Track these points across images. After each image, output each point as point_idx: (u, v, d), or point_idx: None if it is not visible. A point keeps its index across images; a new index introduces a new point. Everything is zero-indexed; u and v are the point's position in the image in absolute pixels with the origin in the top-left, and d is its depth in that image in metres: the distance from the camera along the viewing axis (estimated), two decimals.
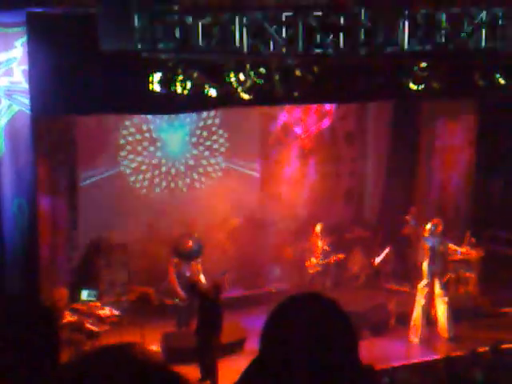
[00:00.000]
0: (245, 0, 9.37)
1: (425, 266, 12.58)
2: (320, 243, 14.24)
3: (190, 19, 8.72)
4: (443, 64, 10.73)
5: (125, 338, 11.75)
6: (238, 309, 13.29)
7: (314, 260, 14.20)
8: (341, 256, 14.40)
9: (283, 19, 8.73)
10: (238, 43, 8.73)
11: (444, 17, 9.00)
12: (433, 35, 9.11)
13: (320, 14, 8.70)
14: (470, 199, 14.88)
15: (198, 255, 13.10)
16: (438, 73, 10.83)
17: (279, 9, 8.93)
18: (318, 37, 8.76)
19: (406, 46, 8.96)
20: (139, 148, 14.57)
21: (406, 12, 8.93)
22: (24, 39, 9.62)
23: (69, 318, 11.42)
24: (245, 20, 8.68)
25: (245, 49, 8.71)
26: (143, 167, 14.63)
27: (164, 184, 14.85)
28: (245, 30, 8.69)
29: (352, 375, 2.15)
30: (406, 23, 8.92)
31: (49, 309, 2.35)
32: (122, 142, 14.30)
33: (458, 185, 14.72)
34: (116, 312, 12.16)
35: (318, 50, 8.80)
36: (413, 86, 10.74)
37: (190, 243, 13.10)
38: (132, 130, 14.43)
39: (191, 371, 11.33)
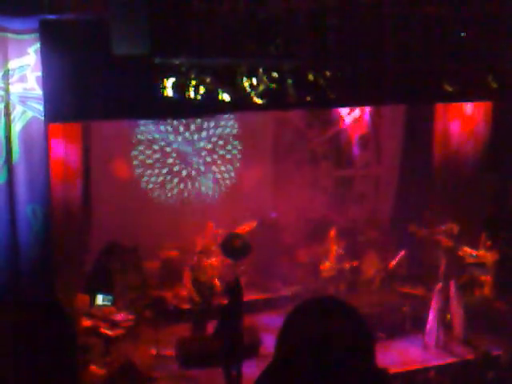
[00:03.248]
0: (258, 4, 9.36)
1: (441, 268, 12.53)
2: (334, 246, 14.22)
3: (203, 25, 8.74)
4: (456, 66, 10.71)
5: (140, 343, 11.79)
6: (253, 312, 13.28)
7: (328, 263, 14.18)
8: (355, 263, 14.40)
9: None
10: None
11: None
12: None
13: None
14: (486, 202, 14.80)
15: (245, 254, 13.11)
16: (450, 75, 10.81)
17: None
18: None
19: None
20: (152, 151, 14.61)
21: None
22: (37, 46, 9.67)
23: (84, 322, 11.45)
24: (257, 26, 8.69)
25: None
26: (156, 170, 14.66)
27: (177, 187, 14.88)
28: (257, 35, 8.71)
29: (368, 378, 2.14)
30: None
31: (67, 315, 2.36)
32: (135, 151, 14.36)
33: (473, 187, 14.64)
34: (131, 316, 12.18)
35: None
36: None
37: (238, 242, 13.10)
38: (145, 129, 14.48)
39: (206, 376, 11.36)
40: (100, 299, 12.26)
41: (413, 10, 9.97)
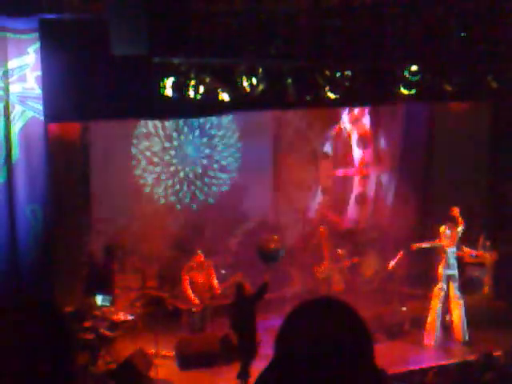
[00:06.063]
0: (257, 3, 9.37)
1: (440, 269, 12.53)
2: (326, 246, 14.23)
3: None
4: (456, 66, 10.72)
5: (139, 343, 11.78)
6: None
7: (326, 264, 14.17)
8: (355, 260, 14.38)
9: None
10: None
11: None
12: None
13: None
14: (485, 202, 14.80)
15: (280, 257, 13.08)
16: (450, 75, 10.81)
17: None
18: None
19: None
20: (153, 151, 14.59)
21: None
22: (37, 45, 9.67)
23: (84, 323, 11.44)
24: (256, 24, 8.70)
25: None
26: (156, 171, 14.64)
27: (177, 188, 14.86)
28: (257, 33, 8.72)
29: (367, 379, 2.14)
30: None
31: (62, 314, 2.34)
32: (134, 150, 14.35)
33: (472, 187, 14.64)
34: (130, 317, 12.17)
35: None
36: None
37: (273, 245, 13.08)
38: (145, 131, 14.47)
39: (204, 376, 11.36)
40: (99, 300, 12.25)
41: (412, 10, 9.98)
